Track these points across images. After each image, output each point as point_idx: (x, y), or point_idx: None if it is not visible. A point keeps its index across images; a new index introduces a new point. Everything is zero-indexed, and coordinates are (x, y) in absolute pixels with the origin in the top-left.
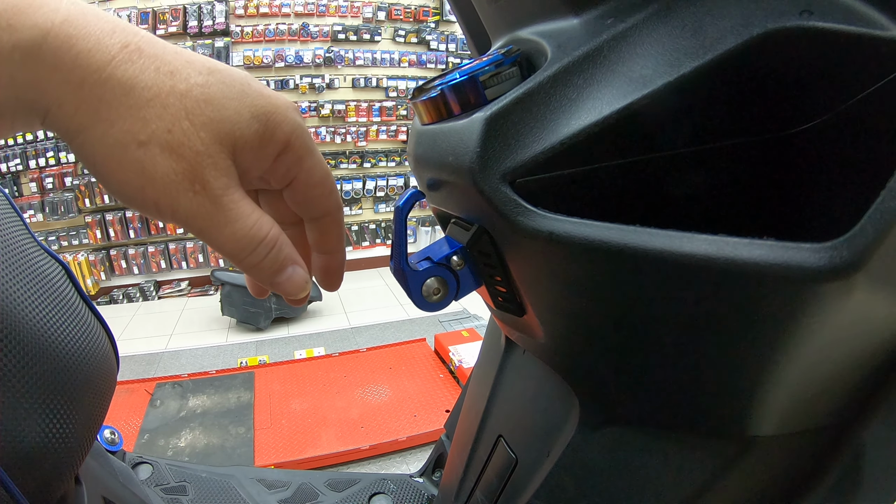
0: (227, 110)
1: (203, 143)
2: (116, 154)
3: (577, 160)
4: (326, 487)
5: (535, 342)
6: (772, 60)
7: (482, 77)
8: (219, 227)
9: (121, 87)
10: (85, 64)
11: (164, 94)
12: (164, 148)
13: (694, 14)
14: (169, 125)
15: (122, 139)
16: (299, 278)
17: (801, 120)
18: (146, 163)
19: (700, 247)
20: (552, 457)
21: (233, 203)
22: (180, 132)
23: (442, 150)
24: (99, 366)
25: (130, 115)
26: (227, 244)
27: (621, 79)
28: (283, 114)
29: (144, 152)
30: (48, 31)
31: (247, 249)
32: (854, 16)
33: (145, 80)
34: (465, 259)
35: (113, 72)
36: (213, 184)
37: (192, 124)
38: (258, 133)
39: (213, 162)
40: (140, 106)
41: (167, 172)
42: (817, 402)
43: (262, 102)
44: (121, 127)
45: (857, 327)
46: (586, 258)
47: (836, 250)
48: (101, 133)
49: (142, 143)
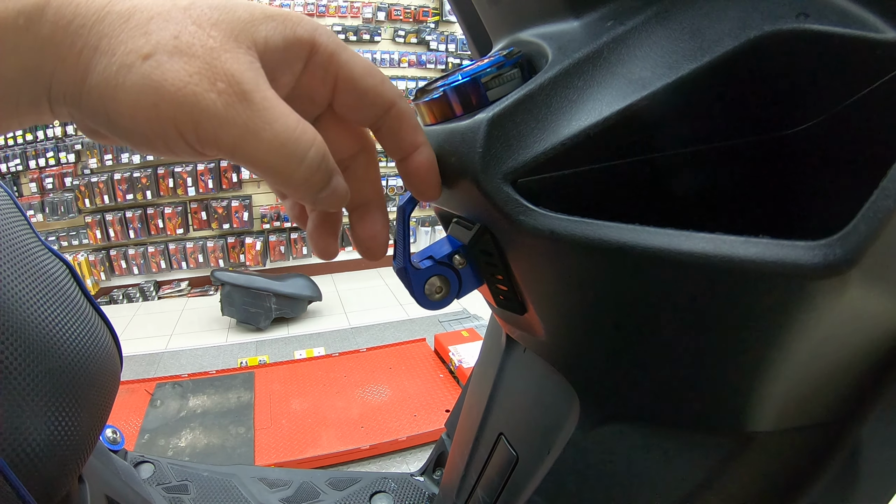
0: (238, 12)
1: (216, 40)
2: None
3: (578, 160)
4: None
5: (536, 340)
6: (768, 62)
7: (484, 79)
8: (256, 131)
9: (119, 17)
10: (84, 12)
11: (165, 10)
12: (173, 53)
13: (692, 17)
14: (174, 31)
15: (125, 60)
16: (342, 189)
17: (797, 121)
18: (153, 73)
19: (697, 245)
20: (553, 454)
21: (267, 100)
22: (188, 35)
23: (444, 151)
24: (103, 364)
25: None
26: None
27: (621, 80)
28: (299, 16)
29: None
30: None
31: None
32: (850, 18)
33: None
34: (467, 258)
35: (111, 7)
36: (238, 77)
37: (200, 27)
38: (277, 31)
39: (233, 56)
40: (141, 25)
41: (180, 76)
42: (814, 399)
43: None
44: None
45: (852, 324)
46: (587, 256)
47: (829, 248)
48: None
49: (147, 56)
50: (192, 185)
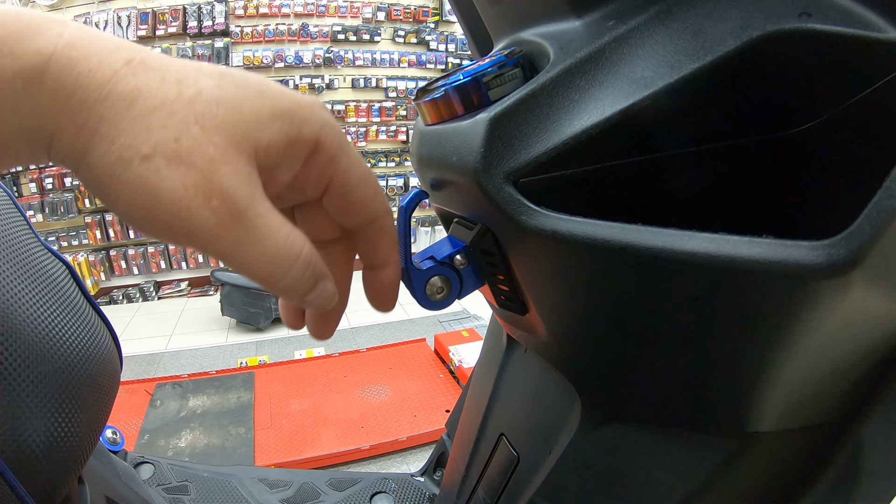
0: (244, 111)
1: (217, 148)
2: (118, 172)
3: (580, 160)
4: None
5: (537, 340)
6: (771, 62)
7: (486, 78)
8: (245, 247)
9: (122, 100)
10: (86, 84)
11: (169, 101)
12: (172, 159)
13: (694, 16)
14: (176, 133)
15: (123, 155)
16: (329, 292)
17: (799, 121)
18: (151, 178)
19: (700, 245)
20: (554, 454)
21: (259, 218)
22: (189, 139)
23: (446, 151)
24: (103, 365)
25: (132, 127)
26: (256, 267)
27: (623, 80)
28: (308, 110)
29: (148, 166)
30: (50, 56)
31: (280, 271)
32: (852, 18)
33: (149, 90)
34: (468, 258)
35: (114, 87)
36: (233, 195)
37: (203, 129)
38: (282, 132)
39: (232, 169)
40: (143, 116)
41: (176, 188)
42: (817, 399)
43: (283, 101)
44: (122, 142)
45: (855, 324)
46: (589, 256)
47: (833, 248)
48: (103, 152)
49: (145, 157)
50: None
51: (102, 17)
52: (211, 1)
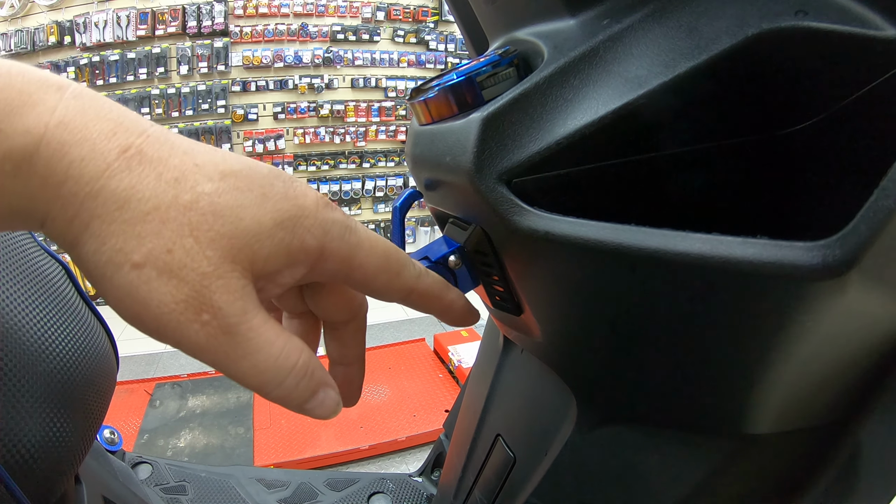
0: (243, 221)
1: (211, 262)
2: (108, 274)
3: (574, 160)
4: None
5: (533, 341)
6: (767, 60)
7: (479, 78)
8: (236, 361)
9: (114, 200)
10: (77, 175)
11: (164, 206)
12: (163, 271)
13: (689, 15)
14: (168, 244)
15: (114, 258)
16: (331, 402)
17: (795, 120)
18: (141, 288)
19: (694, 245)
20: (550, 455)
21: (251, 332)
22: (182, 252)
23: (439, 151)
24: (99, 365)
25: (124, 231)
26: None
27: (617, 79)
28: (312, 216)
29: (139, 275)
30: (41, 138)
31: (272, 382)
32: (849, 16)
33: (143, 191)
34: (463, 258)
35: (107, 182)
36: (225, 310)
37: (197, 241)
38: (283, 243)
39: (224, 284)
40: (135, 221)
41: (166, 301)
42: (813, 401)
43: (286, 206)
44: (112, 245)
45: (851, 326)
46: (582, 257)
47: (828, 249)
48: (94, 250)
49: (136, 265)
50: None
51: (102, 16)
52: (210, 1)
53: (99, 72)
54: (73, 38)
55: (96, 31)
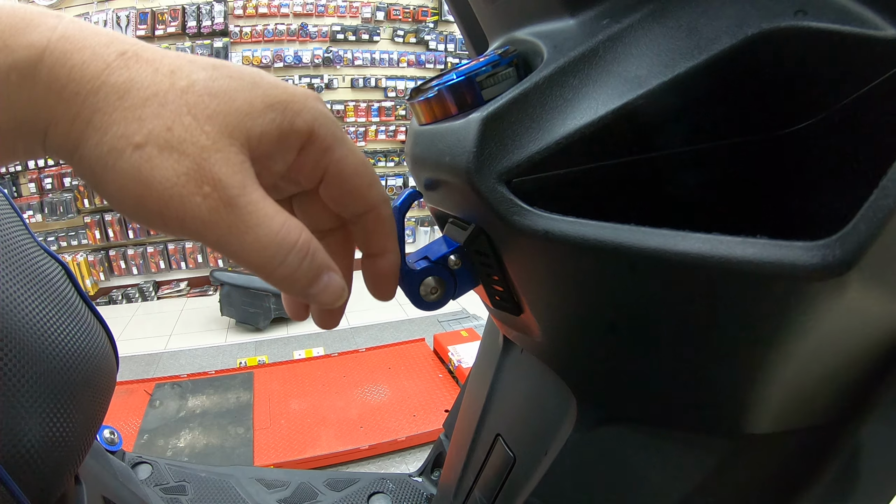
0: (237, 101)
1: (209, 136)
2: (111, 162)
3: (573, 160)
4: (325, 487)
5: (533, 341)
6: (766, 60)
7: (479, 78)
8: (238, 234)
9: (115, 91)
10: (79, 76)
11: (162, 91)
12: (164, 147)
13: (689, 14)
14: (168, 122)
15: (116, 144)
16: (336, 286)
17: (795, 120)
18: (143, 166)
19: (694, 245)
20: (550, 455)
21: (252, 204)
22: (181, 128)
23: (439, 151)
24: (99, 365)
25: (125, 118)
26: (250, 254)
27: (617, 79)
28: (301, 102)
29: (140, 155)
30: (44, 49)
31: (276, 259)
32: (848, 16)
33: (142, 81)
34: (463, 258)
35: (107, 78)
36: (225, 182)
37: (195, 119)
38: (275, 123)
39: (224, 157)
40: (135, 107)
41: (168, 175)
42: (813, 400)
43: (276, 92)
44: (115, 132)
45: (851, 325)
46: (582, 257)
47: (828, 248)
48: (96, 142)
49: (138, 146)
50: None
51: (101, 16)
52: (210, 1)
53: None
54: None
55: None
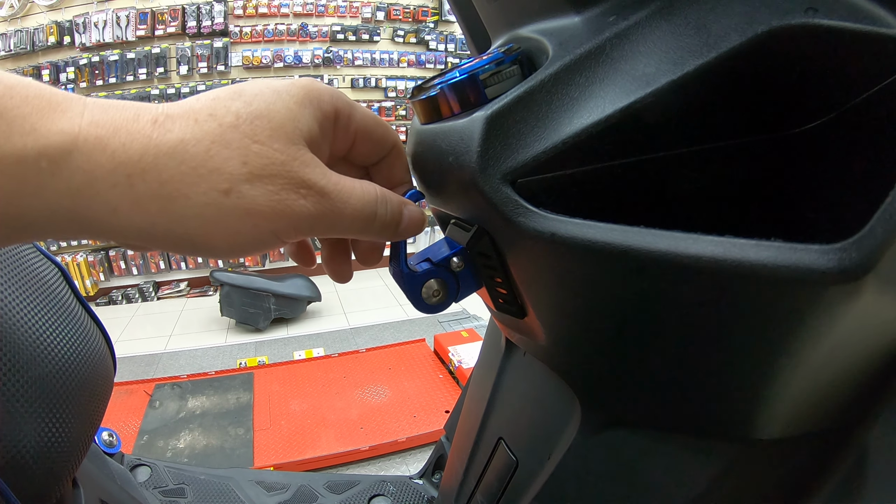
0: (280, 113)
1: (281, 152)
2: (210, 216)
3: (580, 160)
4: (326, 489)
5: (536, 344)
6: (776, 58)
7: (482, 76)
8: (341, 212)
9: (173, 158)
10: (124, 159)
11: (217, 136)
12: (251, 180)
13: (697, 11)
14: (241, 159)
15: (205, 200)
16: (416, 212)
17: (806, 118)
18: (243, 203)
19: (706, 248)
20: (553, 459)
21: (337, 186)
22: (255, 157)
23: (441, 150)
24: (95, 368)
25: (200, 177)
26: (355, 222)
27: (624, 77)
28: (316, 89)
29: (236, 196)
30: (76, 136)
31: (371, 216)
32: (860, 13)
33: (192, 137)
34: (465, 260)
35: (157, 151)
36: (313, 179)
37: (261, 144)
38: (313, 116)
39: (300, 163)
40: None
41: (268, 198)
42: (823, 405)
43: (295, 91)
44: (197, 191)
45: (864, 330)
46: (589, 260)
47: (845, 252)
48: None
49: (227, 191)
50: None
51: (101, 16)
52: (210, 1)
53: (98, 72)
54: (72, 38)
55: (96, 31)
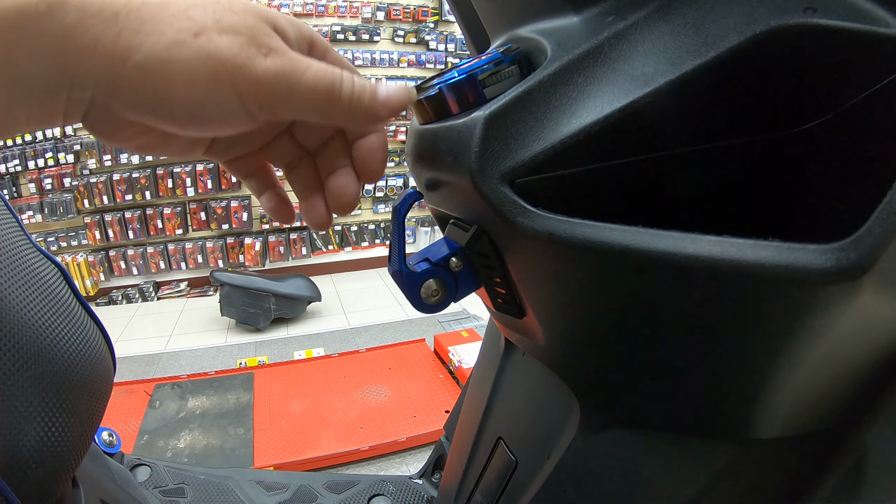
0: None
1: (253, 20)
2: (176, 54)
3: (578, 160)
4: (325, 489)
5: (535, 344)
6: (775, 58)
7: (481, 76)
8: (302, 73)
9: (157, 5)
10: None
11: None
12: (220, 31)
13: (696, 11)
14: (216, 17)
15: (177, 38)
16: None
17: (804, 118)
18: (209, 46)
19: (704, 248)
20: (552, 459)
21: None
22: (229, 18)
23: (440, 150)
24: (95, 368)
25: (176, 19)
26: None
27: (622, 77)
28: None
29: (203, 39)
30: None
31: (336, 83)
32: (858, 13)
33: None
34: (464, 260)
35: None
36: (277, 45)
37: (236, 13)
38: (290, 24)
39: (268, 32)
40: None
41: (232, 47)
42: (821, 405)
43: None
44: (171, 32)
45: (862, 329)
46: (587, 259)
47: (843, 252)
48: (152, 44)
49: (197, 34)
50: (190, 185)
51: None
52: None
53: None
54: None
55: None
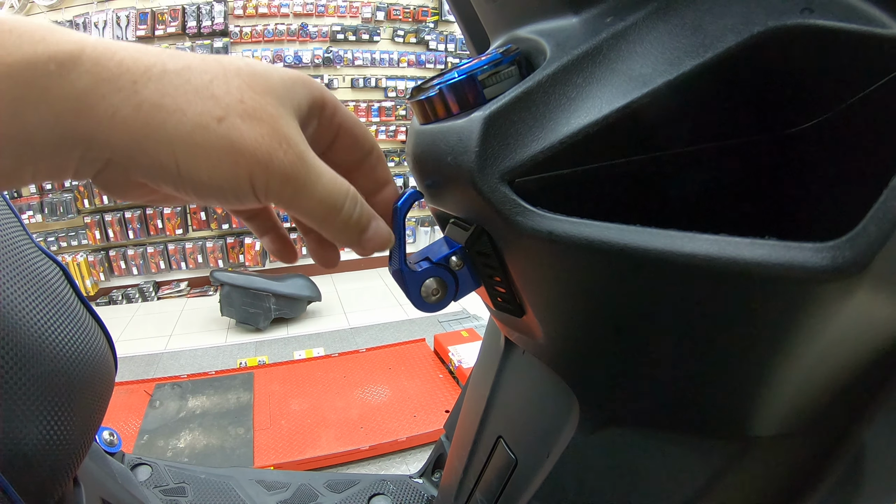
0: (274, 79)
1: (273, 107)
2: (198, 136)
3: (577, 159)
4: (326, 488)
5: (535, 343)
6: (772, 59)
7: (481, 76)
8: (311, 184)
9: (179, 76)
10: (132, 67)
11: (220, 73)
12: (244, 117)
13: (694, 12)
14: (239, 96)
15: (200, 121)
16: (384, 230)
17: (801, 119)
18: (233, 134)
19: (701, 247)
20: (552, 458)
21: (314, 160)
22: (252, 100)
23: (440, 150)
24: (97, 367)
25: (199, 97)
26: (321, 202)
27: (621, 77)
28: (308, 78)
29: (227, 125)
30: (83, 45)
31: (338, 205)
32: (855, 14)
33: (198, 66)
34: (464, 259)
35: (164, 66)
36: (296, 140)
37: (257, 93)
38: (305, 95)
39: (287, 123)
40: (204, 87)
41: (254, 136)
42: (818, 403)
43: (290, 73)
44: (194, 110)
45: (858, 328)
46: (586, 258)
47: (838, 250)
48: (176, 123)
49: (221, 119)
50: None
51: (101, 17)
52: (210, 1)
53: None
54: None
55: (96, 31)
